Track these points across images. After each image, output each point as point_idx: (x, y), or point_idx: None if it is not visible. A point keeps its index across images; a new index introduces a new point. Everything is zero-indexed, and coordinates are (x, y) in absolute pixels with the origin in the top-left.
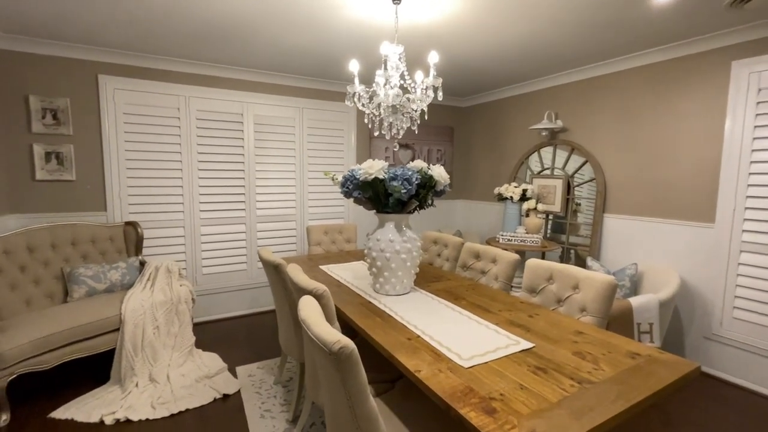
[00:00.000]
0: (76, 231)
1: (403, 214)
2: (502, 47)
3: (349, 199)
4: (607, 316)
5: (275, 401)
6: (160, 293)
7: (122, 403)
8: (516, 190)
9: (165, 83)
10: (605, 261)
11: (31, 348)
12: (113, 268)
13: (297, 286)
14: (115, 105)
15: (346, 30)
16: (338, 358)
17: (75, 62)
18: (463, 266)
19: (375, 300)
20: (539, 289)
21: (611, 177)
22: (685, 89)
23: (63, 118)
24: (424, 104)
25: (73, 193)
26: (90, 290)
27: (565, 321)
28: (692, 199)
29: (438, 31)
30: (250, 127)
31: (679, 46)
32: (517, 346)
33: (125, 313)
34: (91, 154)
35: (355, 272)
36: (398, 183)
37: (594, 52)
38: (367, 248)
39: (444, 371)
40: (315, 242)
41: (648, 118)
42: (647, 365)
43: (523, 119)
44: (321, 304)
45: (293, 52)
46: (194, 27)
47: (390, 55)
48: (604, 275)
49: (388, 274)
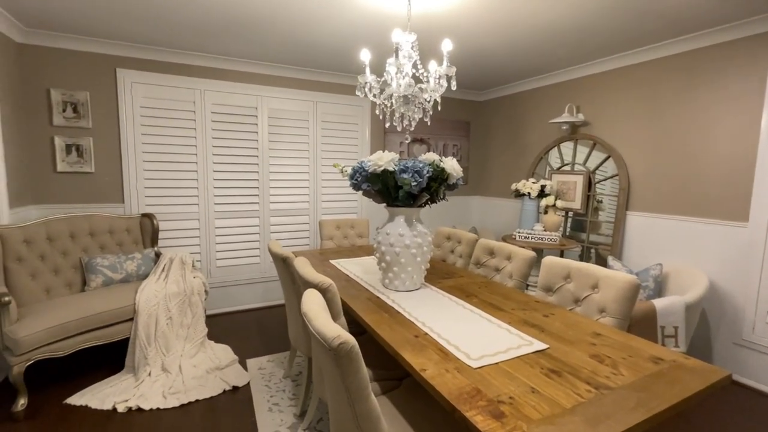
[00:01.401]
0: (94, 222)
1: (414, 207)
2: (521, 38)
3: (358, 191)
4: (628, 317)
5: (284, 395)
6: (173, 284)
7: (135, 392)
8: (534, 186)
9: (181, 77)
10: (628, 261)
11: (47, 335)
12: (129, 258)
13: (303, 279)
14: (132, 98)
15: (360, 20)
16: (338, 353)
17: (94, 56)
18: (477, 263)
19: (383, 295)
20: (556, 288)
21: (635, 173)
22: (718, 80)
23: (83, 111)
24: (437, 94)
25: (92, 185)
26: (106, 280)
27: (583, 322)
28: (723, 197)
29: (454, 20)
30: (264, 120)
31: (713, 33)
32: (530, 347)
33: (139, 304)
34: (110, 147)
35: (365, 267)
36: (408, 175)
37: (619, 41)
38: (376, 242)
39: (451, 371)
40: (327, 237)
41: (676, 111)
42: (672, 371)
43: (543, 113)
44: (326, 298)
45: (307, 45)
46: (210, 19)
47: (402, 43)
48: (626, 274)
49: (398, 270)
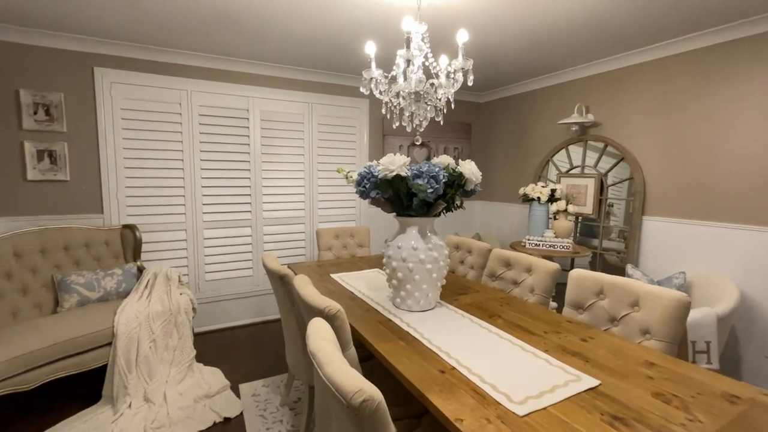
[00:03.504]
0: (69, 235)
1: (429, 217)
2: (528, 34)
3: (365, 200)
4: (677, 341)
5: (281, 426)
6: (157, 303)
7: (112, 427)
8: (544, 190)
9: (166, 76)
10: (645, 268)
11: (10, 367)
12: (108, 274)
13: (305, 302)
14: (112, 99)
15: (360, 13)
16: (360, 413)
17: (69, 54)
18: (492, 275)
19: (395, 317)
20: (587, 306)
21: (651, 176)
22: (740, 76)
23: (56, 114)
24: (452, 91)
25: (67, 194)
26: (82, 299)
27: (630, 348)
28: (750, 199)
29: (464, 14)
30: (256, 123)
31: (736, 27)
32: (579, 384)
33: (118, 326)
34: (87, 153)
35: (370, 282)
36: (423, 181)
37: (634, 36)
38: (386, 257)
39: (493, 421)
40: (325, 247)
41: (694, 110)
42: (756, 413)
43: (549, 114)
44: (334, 326)
45: (303, 42)
46: (197, 13)
47: (413, 33)
48: (672, 291)
49: (411, 287)
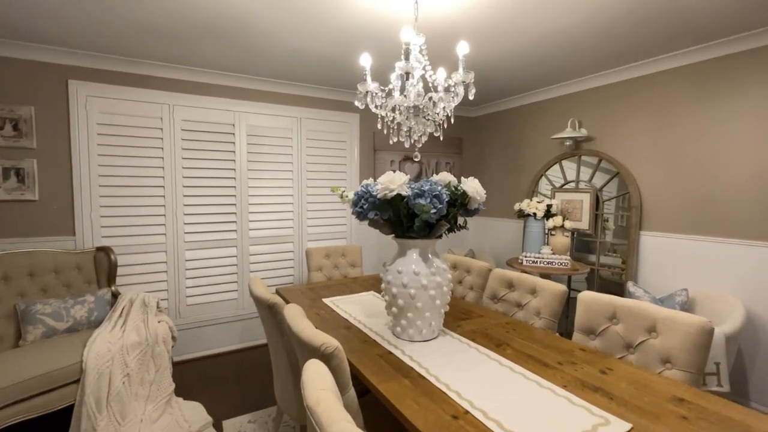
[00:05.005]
0: (36, 259)
1: (431, 239)
2: (522, 48)
3: (363, 221)
4: (702, 371)
5: None
6: (133, 332)
7: None
8: (539, 205)
9: (147, 90)
10: (644, 285)
11: None
12: (78, 302)
13: (299, 338)
14: (87, 114)
15: (353, 24)
16: None
17: (41, 66)
18: (493, 297)
19: (396, 349)
20: (599, 331)
21: (647, 190)
22: (740, 90)
23: (26, 129)
24: (452, 105)
25: (35, 215)
26: (48, 331)
27: (653, 381)
28: (752, 215)
29: (460, 29)
30: (242, 138)
31: (732, 42)
32: (609, 428)
33: (87, 360)
34: (59, 170)
35: (366, 307)
36: (426, 201)
37: (626, 51)
38: (385, 282)
39: None
40: (315, 267)
41: (691, 124)
42: None
43: (542, 128)
44: (332, 366)
45: (292, 55)
46: (179, 24)
47: (411, 45)
48: (693, 316)
49: (413, 316)
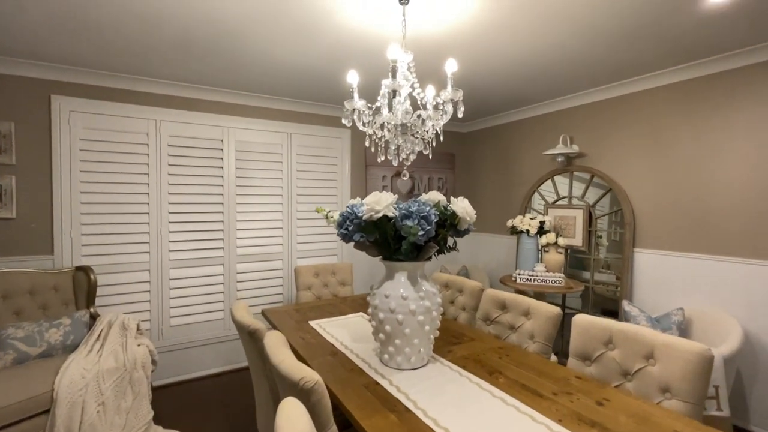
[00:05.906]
0: (9, 280)
1: (419, 261)
2: (513, 65)
3: (348, 243)
4: (702, 401)
5: None
6: (110, 357)
7: None
8: (532, 222)
9: (132, 105)
10: (640, 303)
11: None
12: (54, 325)
13: (277, 371)
14: (70, 129)
15: (342, 41)
16: None
17: (22, 80)
18: (486, 319)
19: (383, 379)
20: (595, 357)
21: (640, 207)
22: (730, 108)
23: (5, 145)
24: (441, 123)
25: (12, 234)
26: (20, 356)
27: (653, 413)
28: (749, 232)
29: (448, 46)
30: (231, 155)
31: (723, 59)
32: None
33: (59, 389)
34: (38, 187)
35: (354, 331)
36: (413, 222)
37: (617, 69)
38: (372, 307)
39: None
40: (304, 286)
41: (683, 141)
42: None
43: (534, 144)
44: (310, 403)
45: (281, 70)
46: (166, 38)
47: (399, 63)
48: (693, 343)
49: (401, 343)
